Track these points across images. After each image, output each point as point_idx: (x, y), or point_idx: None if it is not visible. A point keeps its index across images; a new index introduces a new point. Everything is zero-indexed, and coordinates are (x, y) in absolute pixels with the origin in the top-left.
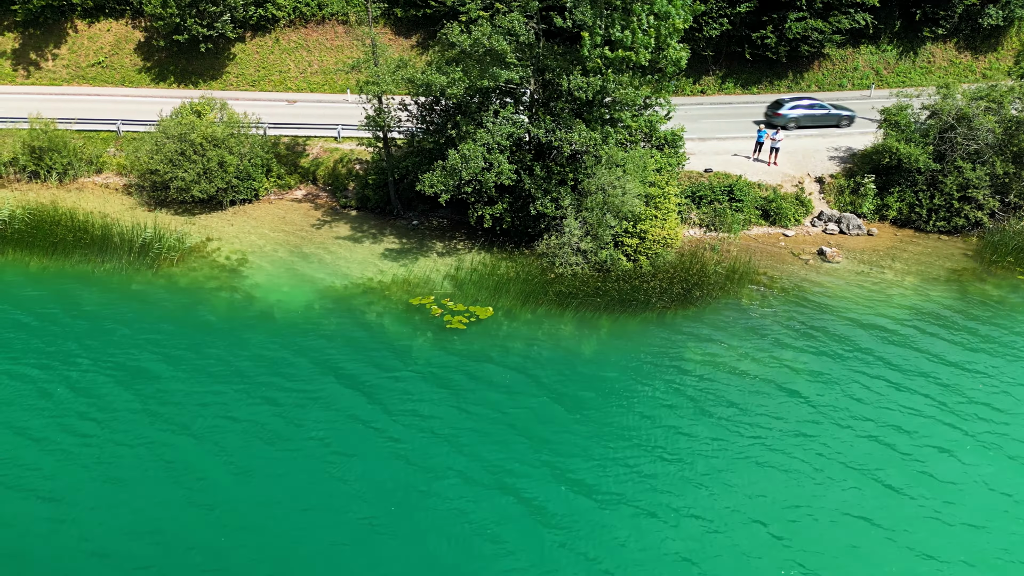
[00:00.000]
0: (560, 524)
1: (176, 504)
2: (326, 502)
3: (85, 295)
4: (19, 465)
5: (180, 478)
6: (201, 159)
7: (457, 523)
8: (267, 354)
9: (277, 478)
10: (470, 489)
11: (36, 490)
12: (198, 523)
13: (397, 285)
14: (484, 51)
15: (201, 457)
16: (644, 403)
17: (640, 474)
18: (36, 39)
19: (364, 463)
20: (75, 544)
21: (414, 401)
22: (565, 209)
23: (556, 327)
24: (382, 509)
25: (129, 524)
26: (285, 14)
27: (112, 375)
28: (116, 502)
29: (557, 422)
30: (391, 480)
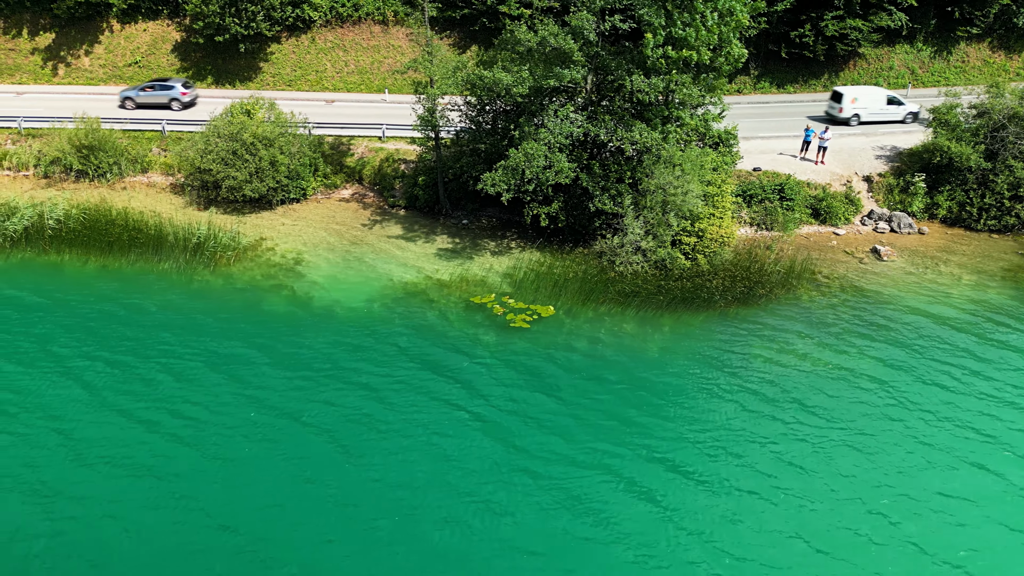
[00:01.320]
0: (668, 504)
1: (290, 480)
2: (437, 479)
3: (147, 293)
4: (135, 447)
5: (289, 457)
6: (253, 159)
7: (571, 503)
8: (336, 351)
9: (384, 456)
10: (574, 470)
11: (159, 470)
12: (313, 498)
13: (455, 284)
14: (551, 50)
15: (306, 437)
16: (719, 396)
17: (734, 456)
18: (72, 38)
19: (465, 444)
20: (202, 519)
21: (492, 393)
22: (625, 208)
23: (619, 325)
24: (493, 485)
25: (248, 499)
26: (321, 14)
27: (201, 365)
28: (232, 480)
29: (634, 414)
30: (489, 462)
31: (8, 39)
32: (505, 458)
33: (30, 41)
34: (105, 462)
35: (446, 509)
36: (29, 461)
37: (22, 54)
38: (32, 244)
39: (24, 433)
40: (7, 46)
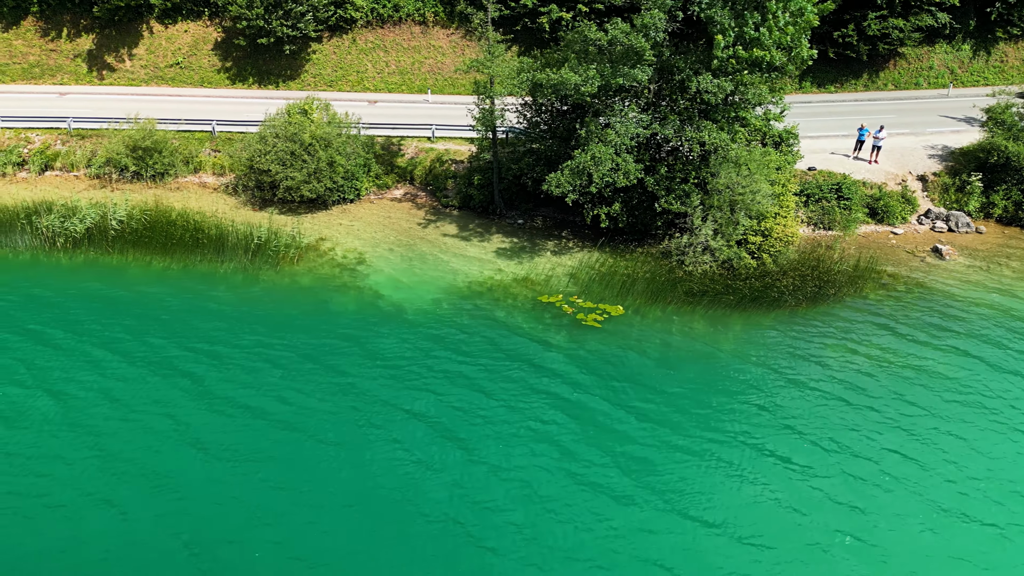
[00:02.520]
0: (778, 492)
1: (403, 465)
2: (534, 468)
3: (217, 292)
4: (249, 432)
5: (393, 441)
6: (312, 160)
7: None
8: (412, 349)
9: (488, 442)
10: (677, 455)
11: (278, 453)
12: (428, 484)
13: (519, 283)
14: (621, 49)
15: (405, 425)
16: (804, 389)
17: (826, 448)
18: (113, 39)
19: (553, 438)
20: (328, 499)
21: (569, 390)
22: (693, 208)
23: (689, 324)
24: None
25: (360, 481)
26: (362, 15)
27: (293, 358)
28: (345, 464)
29: (715, 409)
30: (582, 455)
31: (48, 40)
32: (600, 454)
33: (70, 42)
34: (223, 447)
35: (549, 495)
36: (148, 445)
37: (63, 55)
38: (95, 244)
39: (139, 419)
40: (48, 47)
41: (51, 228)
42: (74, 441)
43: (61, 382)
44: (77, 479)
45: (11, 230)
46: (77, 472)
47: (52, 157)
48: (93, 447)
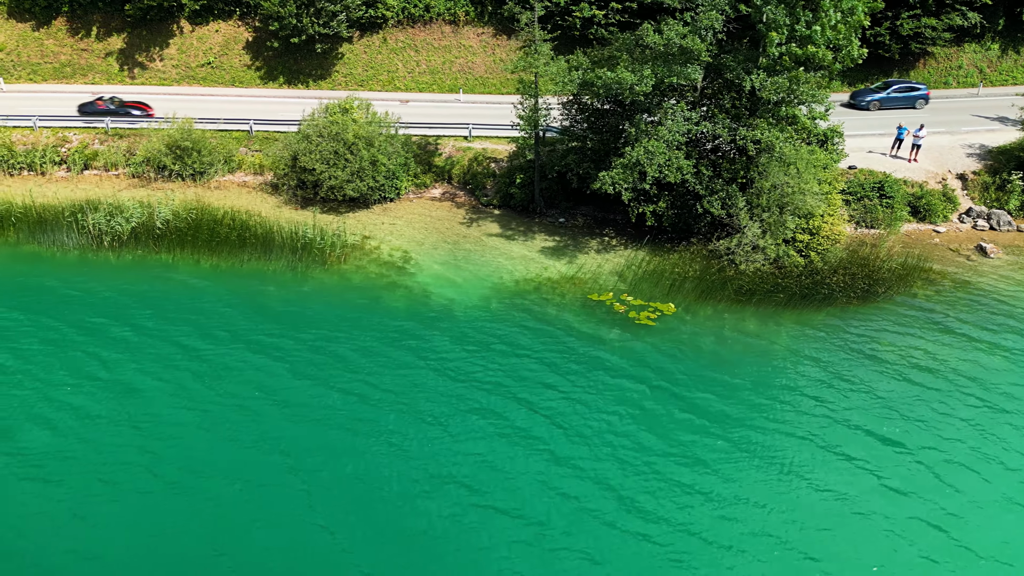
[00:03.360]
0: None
1: (473, 459)
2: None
3: (267, 291)
4: (345, 410)
5: (455, 434)
6: (355, 159)
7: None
8: (466, 346)
9: (558, 438)
10: (742, 450)
11: (372, 428)
12: (498, 476)
13: (567, 281)
14: (677, 49)
15: (473, 422)
16: (856, 390)
17: (889, 442)
18: (144, 39)
19: (618, 436)
20: (421, 474)
21: (631, 388)
22: (738, 209)
23: (740, 322)
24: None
25: (431, 473)
26: (393, 14)
27: (354, 354)
28: (416, 457)
29: (776, 406)
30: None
31: (78, 39)
32: (667, 447)
33: (101, 42)
34: (299, 440)
35: (623, 487)
36: (228, 437)
37: (94, 54)
38: (141, 243)
39: (215, 412)
40: (79, 46)
41: (98, 226)
42: (153, 433)
43: (133, 376)
44: (160, 469)
45: (58, 228)
46: (159, 463)
47: (91, 156)
48: (172, 439)
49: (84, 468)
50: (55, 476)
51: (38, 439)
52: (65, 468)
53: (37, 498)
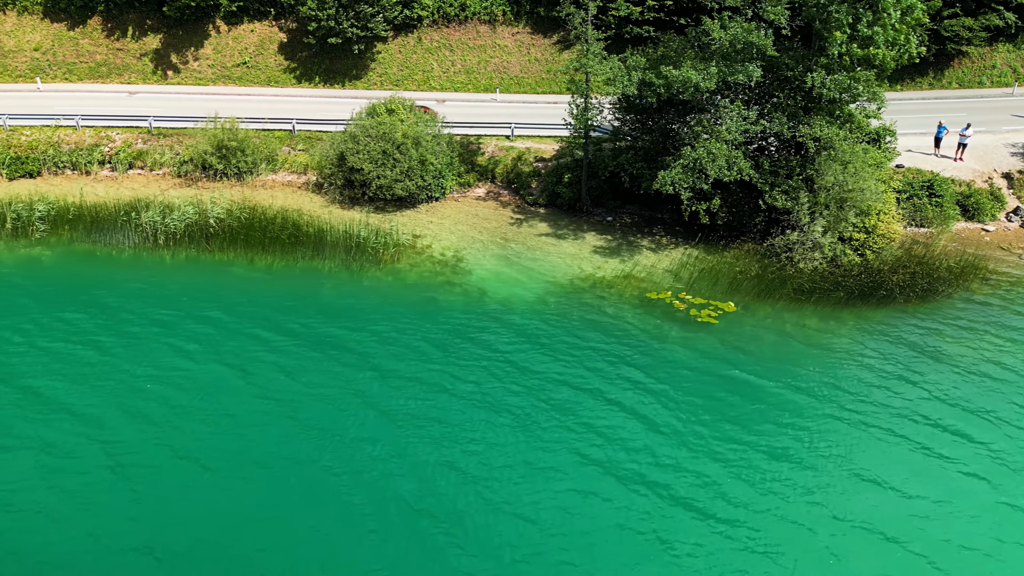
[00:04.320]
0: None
1: (551, 456)
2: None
3: (324, 290)
4: (413, 402)
5: (525, 427)
6: (404, 158)
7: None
8: (528, 343)
9: (630, 439)
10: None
11: (443, 419)
12: (573, 475)
13: (621, 280)
14: (742, 46)
15: (540, 417)
16: (922, 388)
17: (963, 438)
18: (180, 39)
19: (689, 435)
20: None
21: (696, 386)
22: (801, 205)
23: (801, 321)
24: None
25: (520, 459)
26: (428, 14)
27: (415, 352)
28: (493, 456)
29: (844, 403)
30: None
31: (114, 39)
32: (739, 447)
33: (136, 41)
34: (376, 437)
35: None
36: (340, 406)
37: (129, 54)
38: (195, 241)
39: (325, 389)
40: (114, 46)
41: (153, 225)
42: (246, 422)
43: (216, 367)
44: (256, 456)
45: (111, 227)
46: (254, 450)
47: (135, 155)
48: (265, 427)
49: (183, 456)
50: (155, 462)
51: (133, 428)
52: (164, 456)
53: (144, 483)
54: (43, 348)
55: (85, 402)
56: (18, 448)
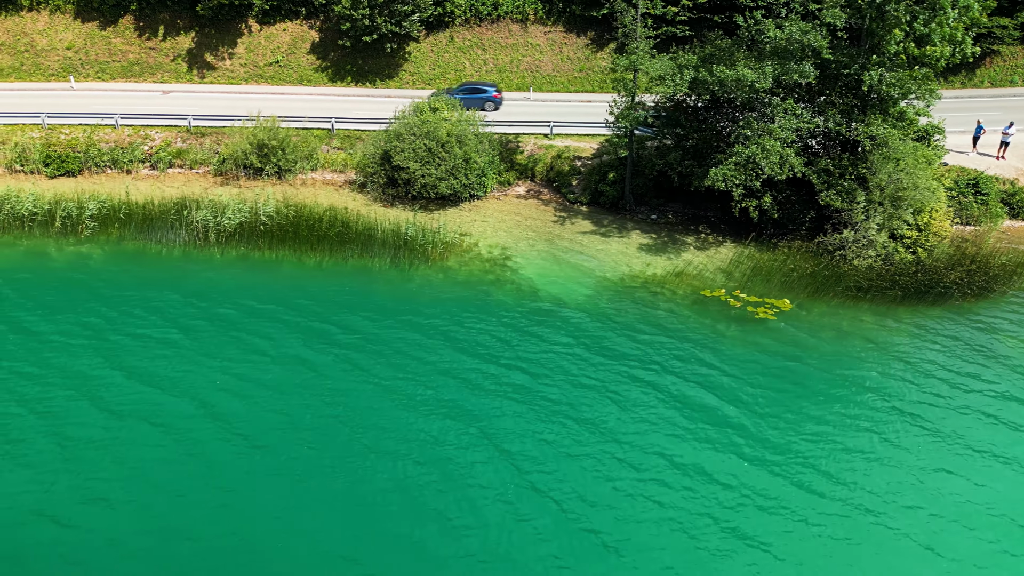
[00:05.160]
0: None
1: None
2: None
3: (375, 287)
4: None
5: (601, 431)
6: (449, 156)
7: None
8: (586, 342)
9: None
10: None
11: (485, 439)
12: (637, 472)
13: (673, 278)
14: (797, 46)
15: (613, 412)
16: (986, 386)
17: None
18: (213, 38)
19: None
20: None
21: (760, 382)
22: (857, 203)
23: (858, 318)
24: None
25: (565, 466)
26: (461, 12)
27: (469, 352)
28: (556, 453)
29: (909, 400)
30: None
31: (146, 39)
32: (808, 444)
33: (169, 41)
34: (436, 435)
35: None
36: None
37: (161, 53)
38: (244, 240)
39: (408, 372)
40: (147, 45)
41: (204, 223)
42: (340, 403)
43: (301, 351)
44: (356, 435)
45: (160, 225)
46: (353, 430)
47: (175, 154)
48: (361, 410)
49: (286, 435)
50: (261, 442)
51: (234, 409)
52: (268, 435)
53: (247, 460)
54: (113, 341)
55: (159, 399)
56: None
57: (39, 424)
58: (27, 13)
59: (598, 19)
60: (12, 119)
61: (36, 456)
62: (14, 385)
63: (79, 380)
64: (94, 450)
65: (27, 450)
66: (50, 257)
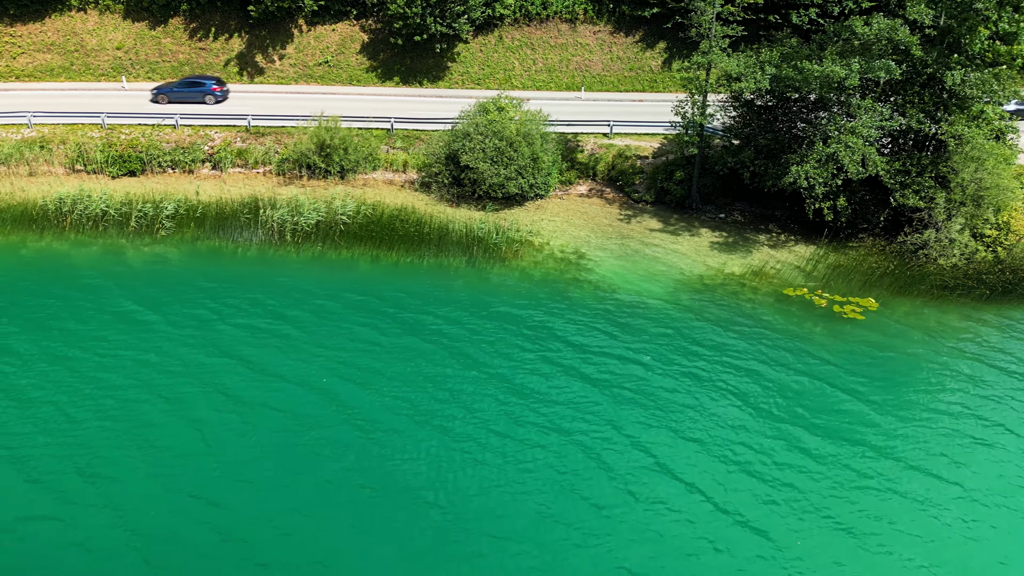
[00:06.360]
0: None
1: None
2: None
3: (454, 285)
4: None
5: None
6: (518, 156)
7: None
8: (674, 340)
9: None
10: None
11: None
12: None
13: (752, 277)
14: (885, 43)
15: (713, 411)
16: None
17: None
18: (263, 39)
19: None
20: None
21: (855, 381)
22: (936, 203)
23: (943, 318)
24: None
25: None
26: (510, 13)
27: (556, 349)
28: (658, 454)
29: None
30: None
31: (196, 39)
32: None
33: (219, 41)
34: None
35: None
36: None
37: (211, 53)
38: (319, 239)
39: (507, 366)
40: (197, 46)
41: (281, 223)
42: (450, 389)
43: (410, 342)
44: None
45: (234, 225)
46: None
47: (235, 154)
48: (477, 396)
49: (413, 419)
50: (389, 426)
51: (356, 396)
52: (390, 421)
53: (379, 446)
54: (223, 332)
55: (279, 386)
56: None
57: (170, 409)
58: (76, 13)
59: (647, 18)
60: (70, 119)
61: (174, 440)
62: (139, 372)
63: (199, 367)
64: (229, 434)
65: (163, 434)
66: (129, 256)
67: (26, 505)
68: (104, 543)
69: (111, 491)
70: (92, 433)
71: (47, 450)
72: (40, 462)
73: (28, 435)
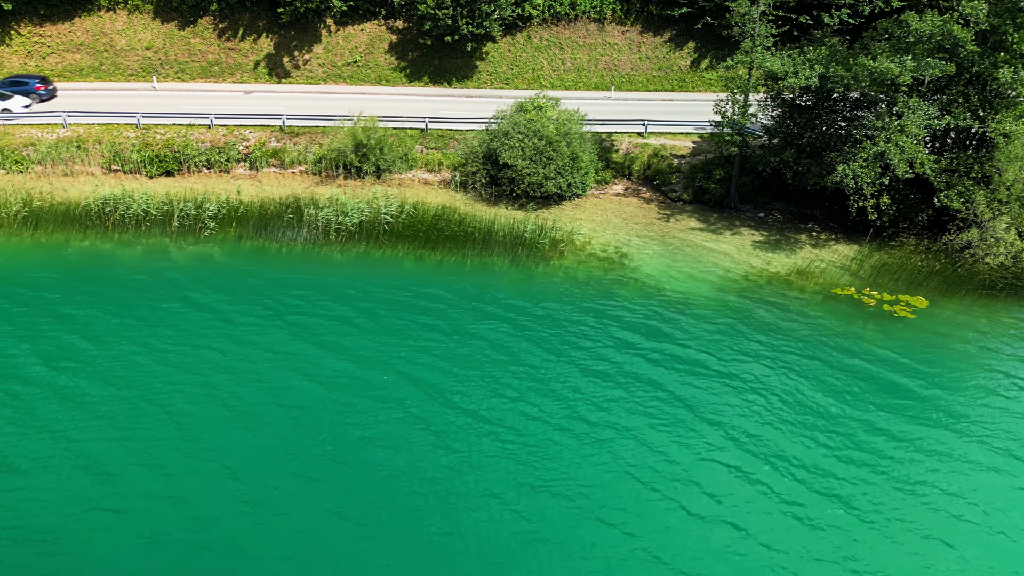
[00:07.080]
0: None
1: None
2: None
3: (499, 284)
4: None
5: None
6: (557, 155)
7: None
8: (725, 339)
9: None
10: None
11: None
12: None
13: (797, 276)
14: (939, 39)
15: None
16: None
17: None
18: (292, 39)
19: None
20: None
21: (913, 382)
22: (978, 204)
23: (993, 316)
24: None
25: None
26: (539, 13)
27: (610, 349)
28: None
29: None
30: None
31: (225, 39)
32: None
33: (249, 41)
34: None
35: None
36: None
37: (240, 53)
38: (364, 238)
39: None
40: (226, 46)
41: (325, 222)
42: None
43: (462, 338)
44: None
45: (276, 224)
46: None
47: (271, 154)
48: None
49: (503, 404)
50: (438, 425)
51: (437, 380)
52: (483, 401)
53: (471, 431)
54: (294, 321)
55: (359, 373)
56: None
57: (257, 395)
58: (106, 13)
59: (676, 18)
60: (104, 119)
61: (266, 426)
62: (218, 359)
63: (277, 355)
64: (315, 419)
65: (255, 420)
66: (174, 255)
67: (97, 498)
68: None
69: (174, 484)
70: (163, 429)
71: (111, 444)
72: (109, 456)
73: (100, 428)
